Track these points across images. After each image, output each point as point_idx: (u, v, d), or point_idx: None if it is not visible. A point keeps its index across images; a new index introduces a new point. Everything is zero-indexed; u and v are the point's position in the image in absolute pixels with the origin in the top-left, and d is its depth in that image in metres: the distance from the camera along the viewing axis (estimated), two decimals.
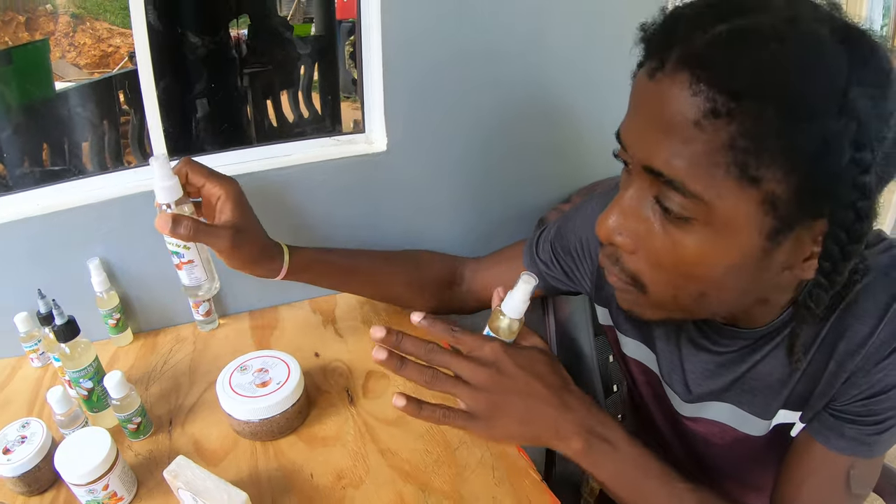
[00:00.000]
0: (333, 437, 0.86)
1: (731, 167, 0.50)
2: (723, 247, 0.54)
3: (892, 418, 0.65)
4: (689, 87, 0.50)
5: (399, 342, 0.67)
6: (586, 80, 1.34)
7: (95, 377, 0.85)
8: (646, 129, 0.55)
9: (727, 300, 0.62)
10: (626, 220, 0.59)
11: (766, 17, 0.49)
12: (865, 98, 0.48)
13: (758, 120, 0.48)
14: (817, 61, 0.48)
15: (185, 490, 0.67)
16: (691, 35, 0.51)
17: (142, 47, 1.01)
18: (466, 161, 1.29)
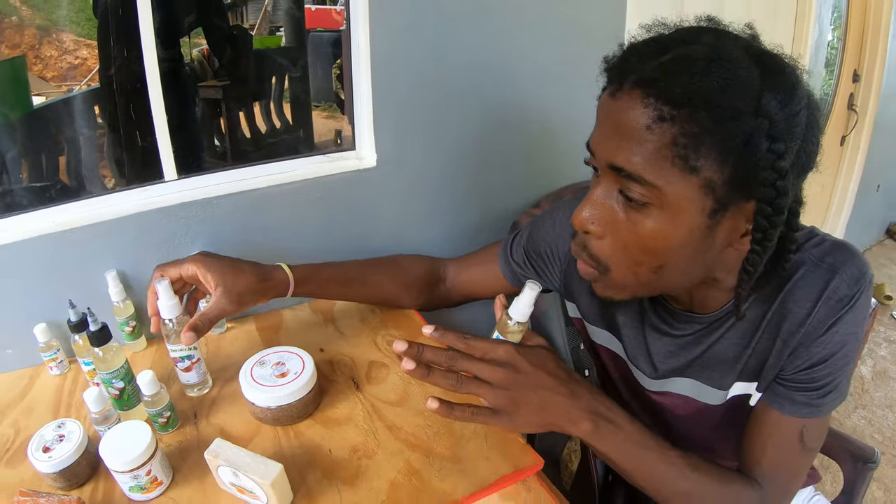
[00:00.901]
0: (345, 418, 0.98)
1: (676, 160, 0.63)
2: (673, 224, 0.67)
3: (831, 383, 0.78)
4: (641, 101, 0.63)
5: (421, 353, 0.74)
6: (554, 96, 1.49)
7: (126, 378, 0.93)
8: (609, 136, 0.68)
9: (681, 272, 0.73)
10: (596, 211, 0.72)
11: (699, 46, 0.63)
12: (775, 101, 0.61)
13: (693, 122, 0.61)
14: (735, 75, 0.61)
15: (226, 466, 0.77)
16: (643, 63, 0.65)
17: (151, 69, 1.10)
18: (447, 172, 1.41)
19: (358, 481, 0.85)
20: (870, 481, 1.17)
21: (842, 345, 0.77)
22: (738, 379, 0.86)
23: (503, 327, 0.82)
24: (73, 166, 1.43)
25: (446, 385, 0.75)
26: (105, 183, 1.43)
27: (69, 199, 1.13)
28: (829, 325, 0.76)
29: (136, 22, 1.07)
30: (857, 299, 0.75)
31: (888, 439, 2.45)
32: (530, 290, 0.79)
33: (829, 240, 0.80)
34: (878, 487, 2.19)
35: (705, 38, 0.65)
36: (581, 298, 1.03)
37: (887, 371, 2.89)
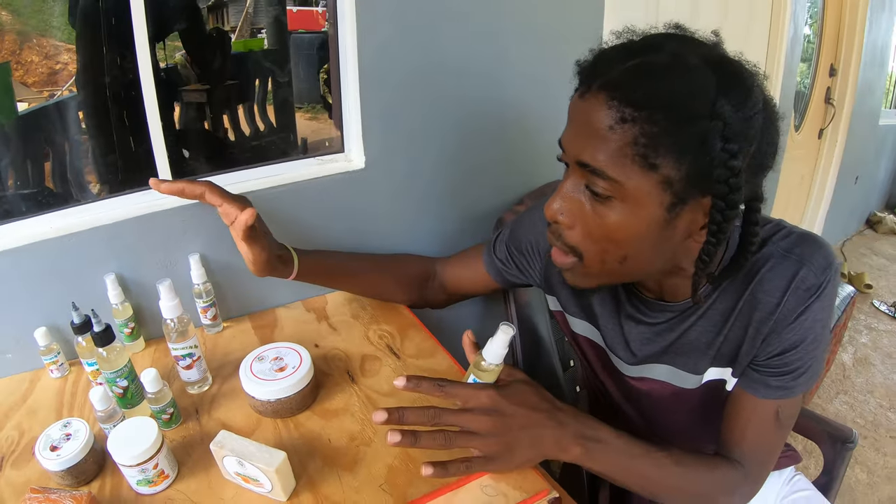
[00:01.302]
0: (342, 409, 1.02)
1: (636, 157, 0.68)
2: (634, 216, 0.72)
3: (803, 366, 0.83)
4: (605, 103, 0.68)
5: (402, 418, 0.79)
6: (533, 99, 1.54)
7: (129, 376, 0.96)
8: (577, 134, 0.73)
9: (645, 261, 0.78)
10: (565, 204, 0.77)
11: (661, 54, 0.69)
12: (729, 105, 0.66)
13: (652, 123, 0.66)
14: (692, 81, 0.67)
15: (232, 456, 0.81)
16: (610, 68, 0.70)
17: (146, 74, 1.12)
18: (433, 173, 1.46)
19: (357, 467, 0.89)
20: (849, 461, 1.22)
21: (811, 331, 0.81)
22: (713, 364, 0.90)
23: (478, 368, 0.85)
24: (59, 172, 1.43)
25: (436, 447, 0.79)
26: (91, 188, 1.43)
27: (59, 205, 1.15)
28: (799, 313, 0.80)
29: (124, 27, 1.09)
30: (825, 288, 0.79)
31: (870, 423, 2.52)
32: (503, 334, 0.82)
33: (796, 232, 0.84)
34: (862, 470, 2.25)
35: (669, 45, 0.70)
36: (561, 291, 1.07)
37: (868, 357, 2.96)
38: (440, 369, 1.12)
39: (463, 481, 0.85)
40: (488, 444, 0.80)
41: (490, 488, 0.84)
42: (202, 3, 1.65)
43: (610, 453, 0.84)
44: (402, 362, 1.15)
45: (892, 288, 3.73)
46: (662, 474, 0.85)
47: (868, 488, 2.18)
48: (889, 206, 5.13)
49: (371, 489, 0.85)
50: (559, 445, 0.82)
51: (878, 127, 4.31)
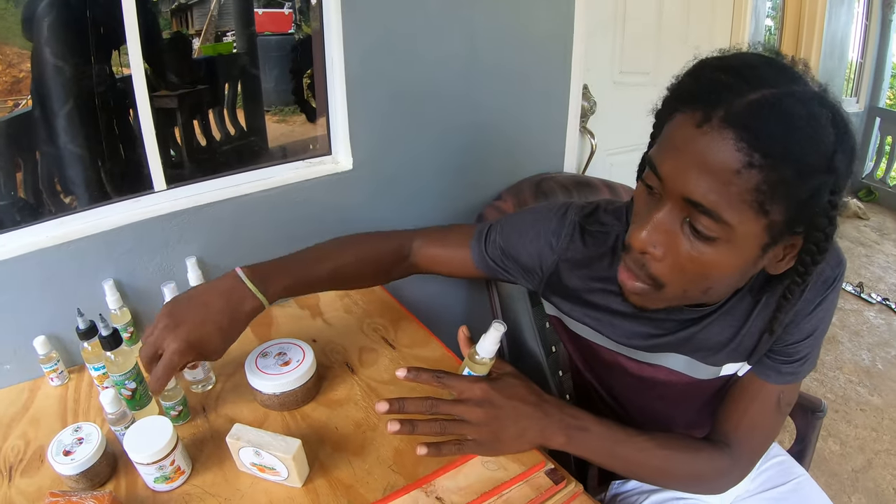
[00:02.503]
0: (346, 398, 1.06)
1: (754, 203, 0.66)
2: (734, 256, 0.71)
3: (810, 354, 0.89)
4: (733, 143, 0.64)
5: (403, 407, 0.87)
6: (507, 99, 1.61)
7: (138, 378, 0.98)
8: (690, 168, 0.68)
9: (723, 292, 0.81)
10: (659, 236, 0.73)
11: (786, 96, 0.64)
12: (843, 161, 0.66)
13: (777, 173, 0.64)
14: (820, 136, 0.64)
15: (249, 447, 0.84)
16: (731, 99, 0.65)
17: (139, 83, 1.16)
18: (417, 172, 1.51)
19: (365, 452, 0.94)
20: (819, 429, 1.29)
21: (823, 320, 0.87)
22: (730, 359, 0.92)
23: (472, 362, 0.92)
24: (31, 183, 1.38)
25: (432, 433, 0.87)
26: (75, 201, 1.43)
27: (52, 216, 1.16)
28: (817, 304, 0.85)
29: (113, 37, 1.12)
30: (838, 280, 0.85)
31: (840, 398, 2.62)
32: (495, 331, 0.90)
33: None
34: (835, 442, 2.35)
35: (787, 83, 0.66)
36: (563, 304, 1.04)
37: (836, 336, 3.07)
38: (434, 357, 1.17)
39: (466, 458, 0.91)
40: (479, 432, 0.88)
41: (491, 463, 0.90)
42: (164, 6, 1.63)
43: (593, 440, 0.89)
44: (398, 352, 1.19)
45: (858, 269, 3.86)
46: (646, 457, 0.90)
47: (842, 458, 2.28)
48: (852, 191, 5.27)
49: (381, 470, 0.90)
50: (544, 435, 0.89)
51: None
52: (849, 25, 4.13)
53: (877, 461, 2.27)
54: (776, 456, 1.19)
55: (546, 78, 1.70)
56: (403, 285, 1.46)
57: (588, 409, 0.93)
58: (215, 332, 0.91)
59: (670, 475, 0.93)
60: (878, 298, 3.44)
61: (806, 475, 1.16)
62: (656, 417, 1.08)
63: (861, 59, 4.90)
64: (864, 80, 4.98)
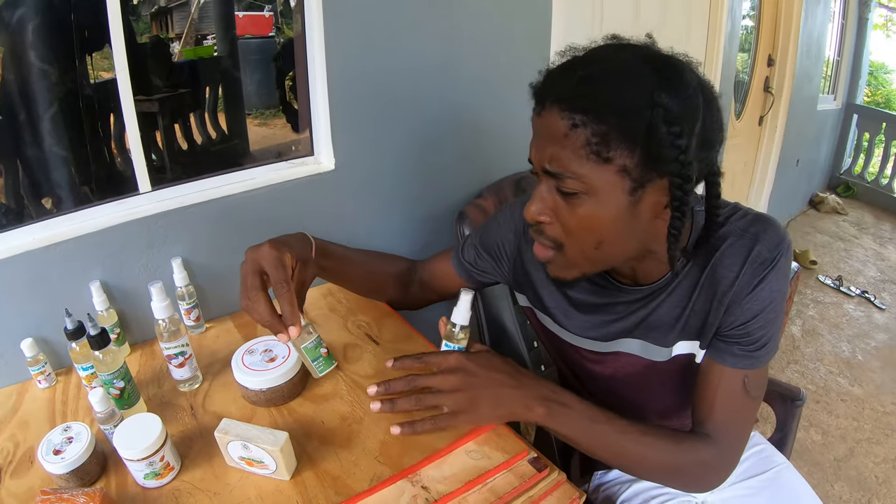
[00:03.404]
0: (331, 393, 1.08)
1: (591, 155, 0.76)
2: (602, 205, 0.80)
3: (765, 336, 0.90)
4: (558, 115, 0.77)
5: (389, 388, 0.94)
6: (488, 101, 1.64)
7: (126, 377, 0.99)
8: (540, 146, 0.82)
9: (619, 246, 0.86)
10: (541, 205, 0.84)
11: (600, 64, 0.78)
12: (666, 93, 0.74)
13: (600, 123, 0.75)
14: (629, 78, 0.76)
15: (237, 441, 0.86)
16: (559, 84, 0.79)
17: (124, 86, 1.17)
18: (398, 172, 1.53)
19: (352, 444, 0.96)
20: (799, 418, 1.33)
21: (769, 301, 0.88)
22: (680, 337, 0.96)
23: (449, 335, 0.96)
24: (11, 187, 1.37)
25: (409, 407, 0.92)
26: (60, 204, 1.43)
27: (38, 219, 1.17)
28: (756, 284, 0.87)
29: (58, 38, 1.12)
30: (778, 261, 0.87)
31: (821, 388, 2.67)
32: (466, 295, 0.95)
33: (751, 213, 0.91)
34: (816, 432, 2.40)
35: (607, 53, 0.80)
36: (528, 290, 1.13)
37: (816, 329, 3.13)
38: (418, 350, 1.16)
39: (451, 447, 0.93)
40: (454, 400, 0.90)
41: (475, 453, 0.92)
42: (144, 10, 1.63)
43: (573, 417, 0.90)
44: (381, 347, 1.21)
45: (836, 263, 3.93)
46: (626, 442, 0.91)
47: (823, 448, 2.32)
48: (830, 187, 5.36)
49: (367, 461, 0.92)
50: (524, 404, 0.91)
51: (816, 112, 4.51)
52: (825, 24, 4.19)
53: (858, 450, 2.32)
54: (756, 445, 1.21)
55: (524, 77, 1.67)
56: None
57: None
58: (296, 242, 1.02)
59: (653, 463, 0.92)
60: (857, 291, 3.50)
61: (787, 463, 1.18)
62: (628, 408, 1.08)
63: (838, 56, 4.98)
64: (842, 78, 5.06)
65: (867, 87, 6.36)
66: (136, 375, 1.14)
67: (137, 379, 1.15)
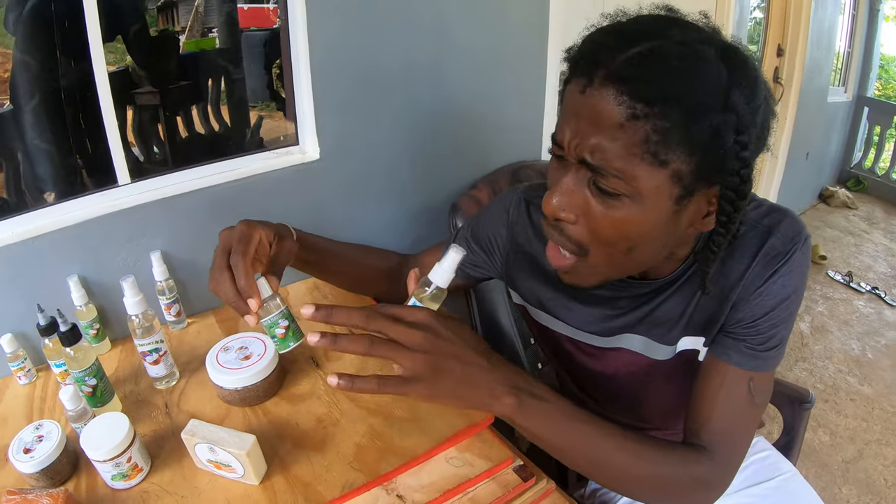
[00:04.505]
0: (308, 393, 1.04)
1: (646, 155, 0.65)
2: (644, 212, 0.69)
3: (773, 337, 0.82)
4: (614, 98, 0.64)
5: (330, 315, 0.69)
6: (481, 89, 1.58)
7: (98, 374, 0.97)
8: (581, 132, 0.68)
9: (649, 253, 0.76)
10: (566, 199, 0.72)
11: (666, 42, 0.64)
12: (741, 97, 0.64)
13: (665, 119, 0.63)
14: (706, 73, 0.64)
15: (203, 443, 0.82)
16: (611, 57, 0.65)
17: (101, 78, 1.14)
18: (388, 162, 1.49)
19: (326, 448, 0.92)
20: (807, 421, 1.27)
21: (782, 298, 0.81)
22: (685, 333, 0.89)
23: (420, 294, 0.77)
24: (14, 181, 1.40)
25: (356, 350, 0.68)
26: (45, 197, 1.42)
27: (17, 212, 1.15)
28: (766, 279, 0.80)
29: (70, 31, 1.11)
30: (792, 255, 0.80)
31: (829, 387, 2.61)
32: (455, 253, 0.75)
33: (766, 204, 0.84)
34: (825, 432, 2.34)
35: (671, 31, 0.66)
36: (522, 286, 1.05)
37: (825, 325, 3.07)
38: None
39: (431, 453, 0.88)
40: (414, 360, 0.68)
41: (456, 460, 0.88)
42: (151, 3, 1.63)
43: (547, 411, 0.74)
44: None
45: (846, 258, 3.86)
46: (608, 447, 0.77)
47: (832, 449, 2.27)
48: (840, 181, 5.27)
49: (341, 467, 0.88)
50: (490, 391, 0.71)
51: (826, 104, 4.43)
52: (836, 15, 4.12)
53: (867, 451, 2.26)
54: (761, 451, 1.14)
55: (522, 65, 1.67)
56: None
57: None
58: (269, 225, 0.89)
59: (635, 474, 0.79)
60: (867, 287, 3.43)
61: (793, 471, 1.11)
62: (628, 408, 1.05)
63: (849, 48, 4.89)
64: (852, 70, 4.97)
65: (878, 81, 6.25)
66: (114, 372, 1.14)
67: (116, 376, 1.13)
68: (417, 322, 0.70)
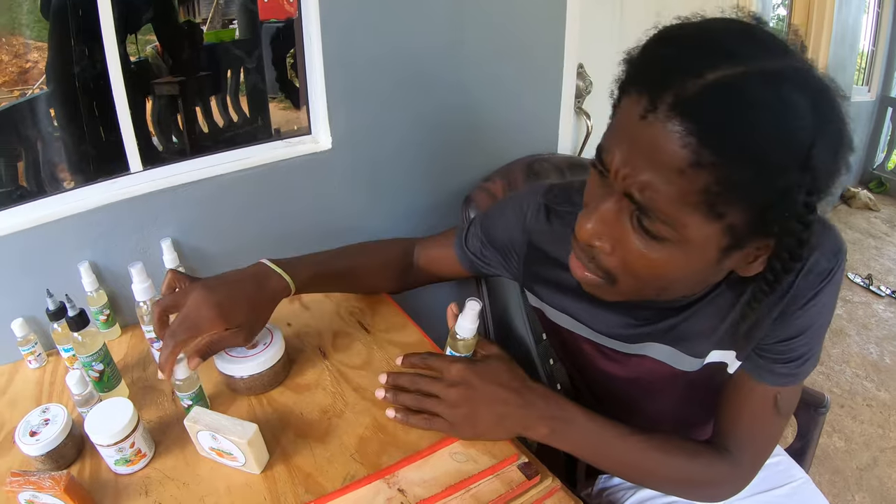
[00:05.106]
0: (314, 383, 1.03)
1: (701, 205, 0.58)
2: (686, 259, 0.64)
3: (807, 353, 0.80)
4: (679, 138, 0.56)
5: (395, 380, 0.92)
6: (498, 78, 1.56)
7: (105, 360, 0.98)
8: (632, 162, 0.61)
9: (682, 291, 0.75)
10: (604, 228, 0.67)
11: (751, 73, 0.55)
12: (824, 154, 0.56)
13: (733, 174, 0.55)
14: (791, 127, 0.55)
15: (206, 431, 0.82)
16: (683, 82, 0.56)
17: (113, 66, 1.14)
18: (401, 152, 1.47)
19: (329, 439, 0.91)
20: (822, 425, 1.24)
21: (819, 316, 0.78)
22: (716, 347, 0.86)
23: (453, 343, 0.91)
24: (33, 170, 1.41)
25: (409, 403, 0.89)
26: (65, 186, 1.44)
27: (30, 199, 1.15)
28: (809, 298, 0.76)
29: (94, 20, 1.11)
30: (835, 273, 0.76)
31: (846, 392, 2.57)
32: (470, 310, 0.88)
33: None
34: (840, 438, 2.31)
35: (758, 56, 0.57)
36: (541, 290, 1.01)
37: (843, 329, 3.02)
38: (410, 342, 1.14)
39: (433, 448, 0.87)
40: (452, 413, 0.85)
41: (460, 455, 0.87)
42: None
43: (579, 434, 0.84)
44: (372, 336, 1.16)
45: (867, 261, 3.80)
46: (638, 459, 0.84)
47: (846, 455, 2.23)
48: (862, 182, 5.19)
49: (343, 459, 0.87)
50: (525, 424, 0.85)
51: (850, 104, 4.35)
52: (860, 14, 4.06)
53: (882, 459, 2.23)
54: (774, 456, 1.13)
55: (538, 56, 1.65)
56: None
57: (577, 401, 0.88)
58: (244, 300, 0.93)
59: (663, 478, 0.87)
60: (887, 291, 3.38)
61: (806, 478, 1.10)
62: (643, 414, 1.03)
63: (873, 47, 4.79)
64: (876, 69, 4.88)
65: None
66: (123, 358, 1.14)
67: (124, 362, 1.13)
68: (452, 379, 0.87)
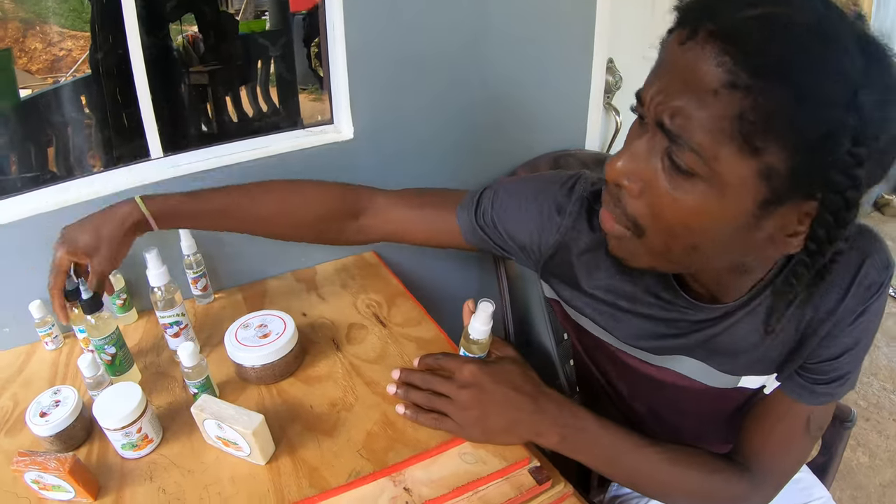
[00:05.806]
0: (326, 375, 1.02)
1: (736, 134, 0.53)
2: (718, 204, 0.58)
3: (849, 373, 0.76)
4: (714, 57, 0.53)
5: (407, 378, 0.92)
6: (526, 69, 1.52)
7: (118, 343, 0.98)
8: (665, 89, 0.58)
9: (714, 255, 0.65)
10: (634, 165, 0.62)
11: (798, 10, 0.52)
12: (872, 100, 0.51)
13: (772, 99, 0.51)
14: (838, 59, 0.51)
15: (212, 419, 0.82)
16: (727, 10, 0.54)
17: (136, 52, 1.13)
18: (423, 145, 1.45)
19: (337, 433, 0.90)
20: (847, 440, 1.20)
21: (865, 334, 0.74)
22: (751, 371, 0.81)
23: (467, 344, 0.89)
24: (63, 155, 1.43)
25: (420, 401, 0.89)
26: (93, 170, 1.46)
27: (51, 182, 1.16)
28: (859, 314, 0.71)
29: (120, 7, 1.10)
30: (884, 287, 0.71)
31: (872, 405, 2.50)
32: (483, 311, 0.85)
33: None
34: (864, 453, 2.24)
35: (810, 1, 0.54)
36: (563, 291, 0.94)
37: (874, 340, 2.93)
38: (427, 337, 1.12)
39: (442, 448, 0.86)
40: (462, 416, 0.84)
41: (469, 456, 0.85)
42: None
43: (591, 443, 0.82)
44: (388, 330, 1.15)
45: None
46: (652, 470, 0.81)
47: (870, 471, 2.17)
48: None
49: (349, 454, 0.86)
50: (536, 431, 0.82)
51: None
52: None
53: None
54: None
55: (566, 50, 1.59)
56: (403, 261, 1.46)
57: (593, 400, 0.85)
58: (88, 225, 0.97)
59: (678, 493, 0.83)
60: None
61: (827, 496, 1.05)
62: (663, 420, 0.99)
63: None
64: None
65: None
66: (137, 343, 1.15)
67: (138, 346, 1.13)
68: (463, 381, 0.85)
